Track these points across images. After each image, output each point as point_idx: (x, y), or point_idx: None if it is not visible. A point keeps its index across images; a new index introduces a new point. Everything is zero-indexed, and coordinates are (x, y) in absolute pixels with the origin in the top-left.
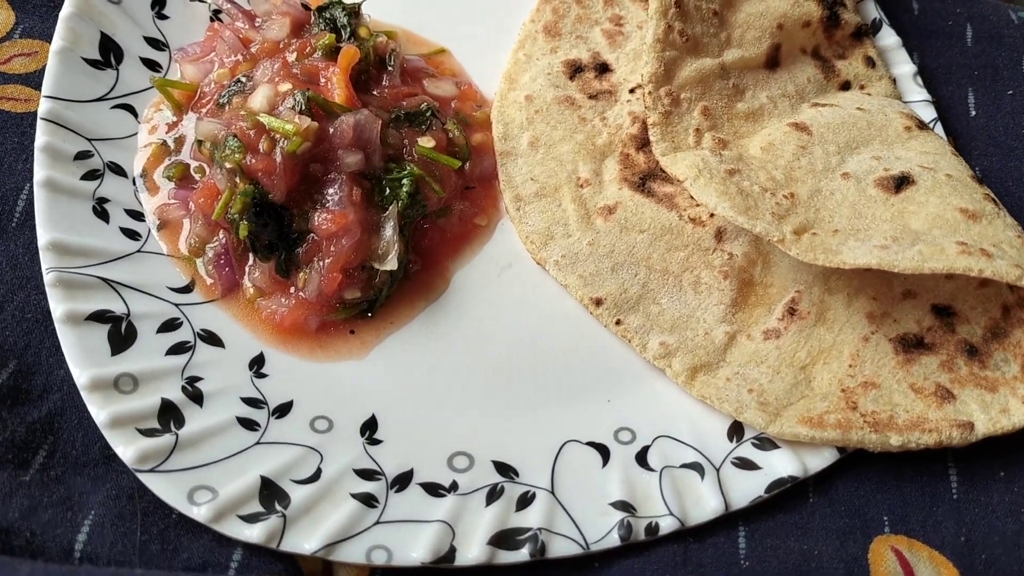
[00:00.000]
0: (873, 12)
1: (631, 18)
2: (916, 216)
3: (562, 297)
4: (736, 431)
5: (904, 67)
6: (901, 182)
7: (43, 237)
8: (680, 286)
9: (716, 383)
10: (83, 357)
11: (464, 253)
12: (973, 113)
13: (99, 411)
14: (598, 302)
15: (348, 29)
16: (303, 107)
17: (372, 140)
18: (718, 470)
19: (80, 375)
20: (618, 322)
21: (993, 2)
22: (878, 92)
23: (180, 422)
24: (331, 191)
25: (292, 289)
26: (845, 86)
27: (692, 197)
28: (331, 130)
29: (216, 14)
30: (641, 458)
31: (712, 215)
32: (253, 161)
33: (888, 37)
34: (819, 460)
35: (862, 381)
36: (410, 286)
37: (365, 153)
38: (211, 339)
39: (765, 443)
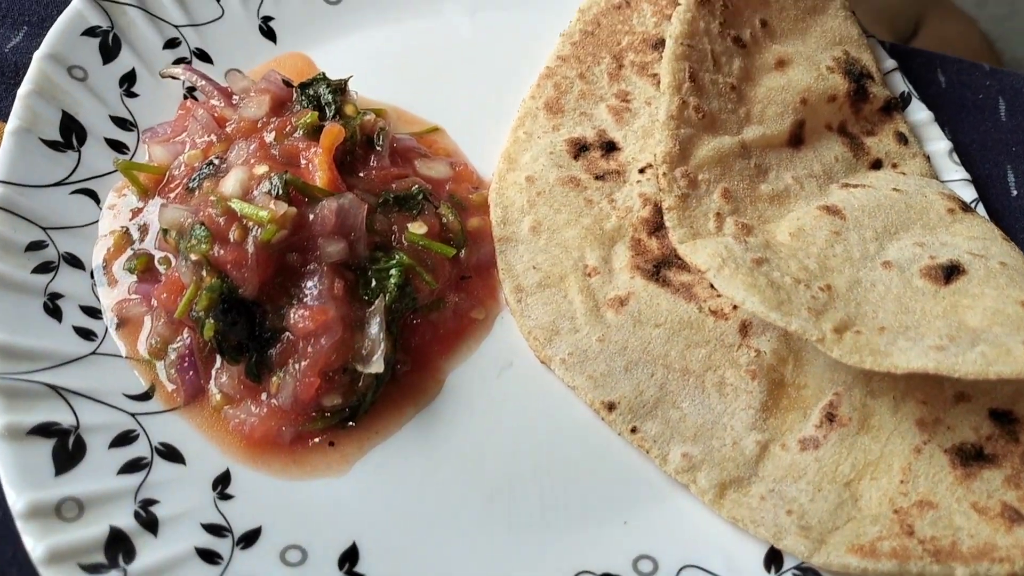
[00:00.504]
0: (901, 85)
1: (639, 94)
2: (971, 311)
3: (570, 400)
4: (774, 558)
5: (939, 144)
6: (950, 272)
7: None
8: (703, 388)
9: (749, 502)
10: (21, 478)
11: (459, 351)
12: (1014, 193)
13: (36, 543)
14: (611, 406)
15: (333, 107)
16: (280, 191)
17: (357, 227)
18: None
19: (16, 500)
20: (634, 430)
21: (1022, 74)
22: (912, 171)
23: (130, 555)
24: (310, 284)
25: (264, 395)
26: (876, 165)
27: (712, 287)
28: (311, 216)
29: (190, 91)
30: None
31: (736, 307)
32: (221, 252)
33: (919, 112)
34: None
35: (917, 500)
36: (398, 389)
37: (349, 241)
38: (171, 454)
39: (808, 573)
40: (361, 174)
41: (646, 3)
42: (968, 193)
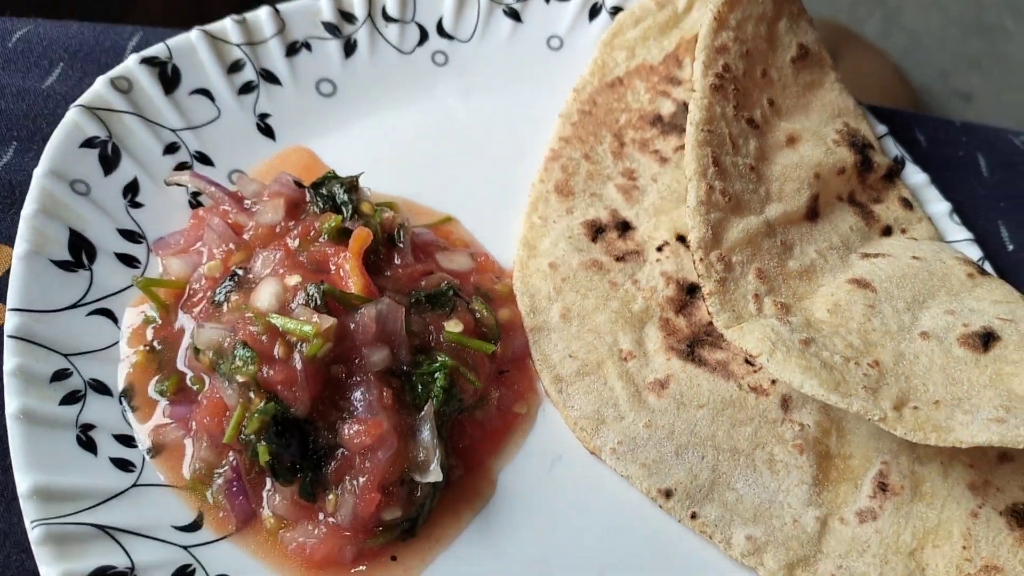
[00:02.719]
0: (894, 150)
1: (643, 171)
2: (1017, 378)
3: (624, 488)
4: None
5: (939, 205)
6: (987, 339)
7: (23, 483)
8: (754, 466)
9: None
10: None
11: (507, 448)
12: (1010, 247)
13: None
14: (668, 494)
15: (350, 206)
16: (318, 302)
17: (397, 332)
18: None
19: None
20: (694, 515)
21: (992, 127)
22: (920, 235)
23: None
24: (357, 395)
25: (320, 515)
26: (887, 231)
27: (748, 362)
28: (351, 325)
29: (195, 197)
30: None
31: (774, 382)
32: (270, 372)
33: (915, 175)
34: None
35: (983, 565)
36: (453, 494)
37: (391, 348)
38: None
39: None
40: (387, 273)
41: (638, 80)
42: (974, 252)
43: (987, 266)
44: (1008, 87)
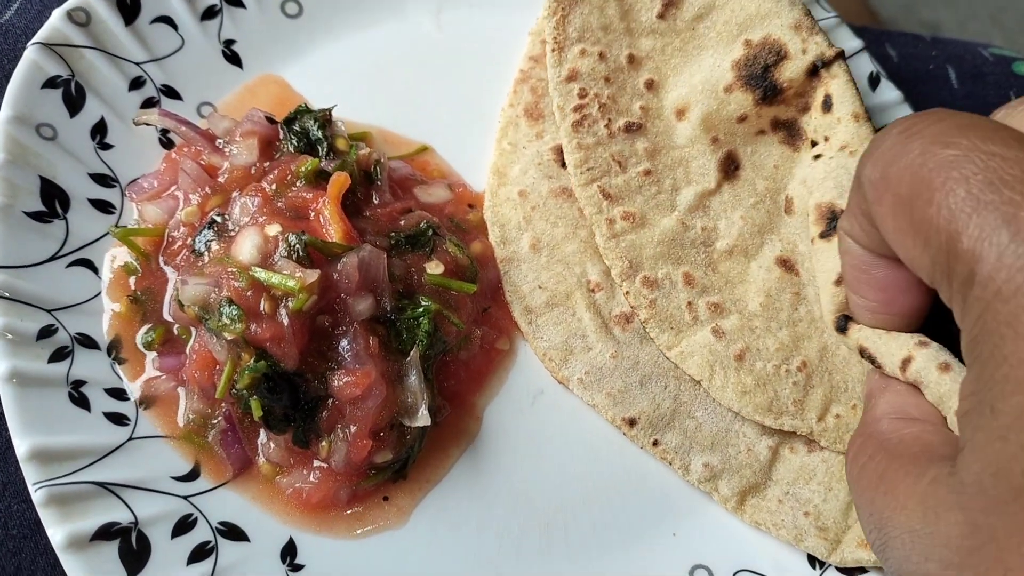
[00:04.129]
0: (869, 66)
1: None
2: None
3: (602, 419)
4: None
5: None
6: None
7: (21, 446)
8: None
9: (768, 506)
10: None
11: (491, 385)
12: None
13: None
14: (632, 422)
15: (325, 143)
16: (300, 253)
17: (380, 279)
18: None
19: None
20: (655, 443)
21: (961, 41)
22: (842, 139)
23: None
24: (344, 345)
25: (314, 460)
26: (815, 145)
27: None
28: (334, 275)
29: (165, 134)
30: None
31: None
32: (258, 329)
33: (889, 92)
34: None
35: None
36: (440, 434)
37: (375, 296)
38: (233, 533)
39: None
40: (367, 214)
41: None
42: None
43: None
44: (973, 17)
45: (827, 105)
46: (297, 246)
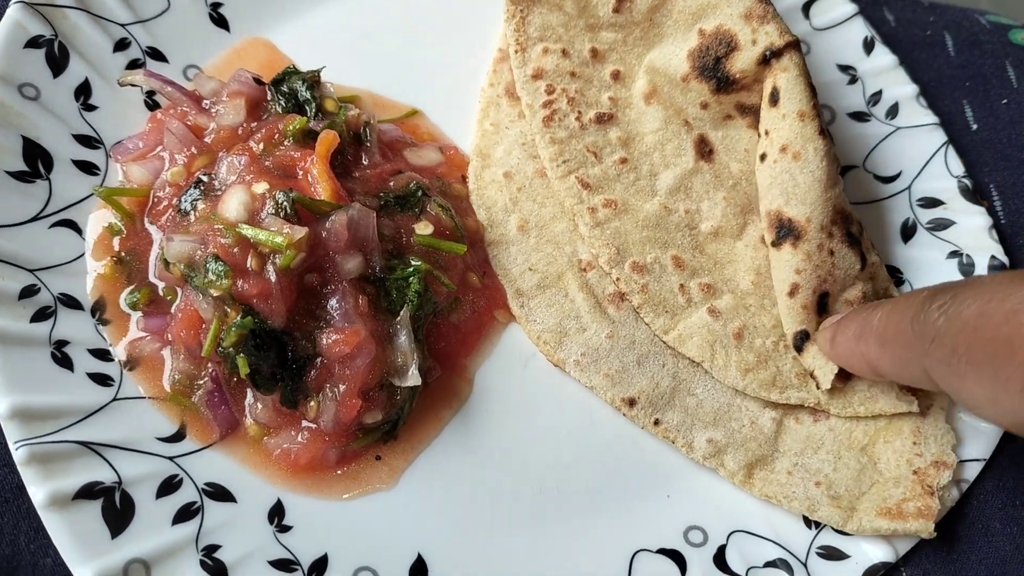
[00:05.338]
0: (864, 30)
1: None
2: None
3: None
4: None
5: (905, 88)
6: None
7: (2, 404)
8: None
9: (778, 479)
10: (80, 548)
11: (483, 348)
12: (974, 127)
13: None
14: (631, 402)
15: (313, 104)
16: (288, 211)
17: (370, 237)
18: (805, 564)
19: (83, 573)
20: (656, 422)
21: (959, 7)
22: (781, 138)
23: None
24: (333, 304)
25: (302, 421)
26: (762, 138)
27: None
28: (323, 233)
29: (150, 96)
30: (720, 561)
31: None
32: (245, 286)
33: (883, 56)
34: (907, 540)
35: (932, 461)
36: (431, 395)
37: (364, 254)
38: (219, 494)
39: None
40: (356, 174)
41: None
42: (938, 138)
43: (950, 151)
44: None
45: (774, 99)
46: (285, 204)
